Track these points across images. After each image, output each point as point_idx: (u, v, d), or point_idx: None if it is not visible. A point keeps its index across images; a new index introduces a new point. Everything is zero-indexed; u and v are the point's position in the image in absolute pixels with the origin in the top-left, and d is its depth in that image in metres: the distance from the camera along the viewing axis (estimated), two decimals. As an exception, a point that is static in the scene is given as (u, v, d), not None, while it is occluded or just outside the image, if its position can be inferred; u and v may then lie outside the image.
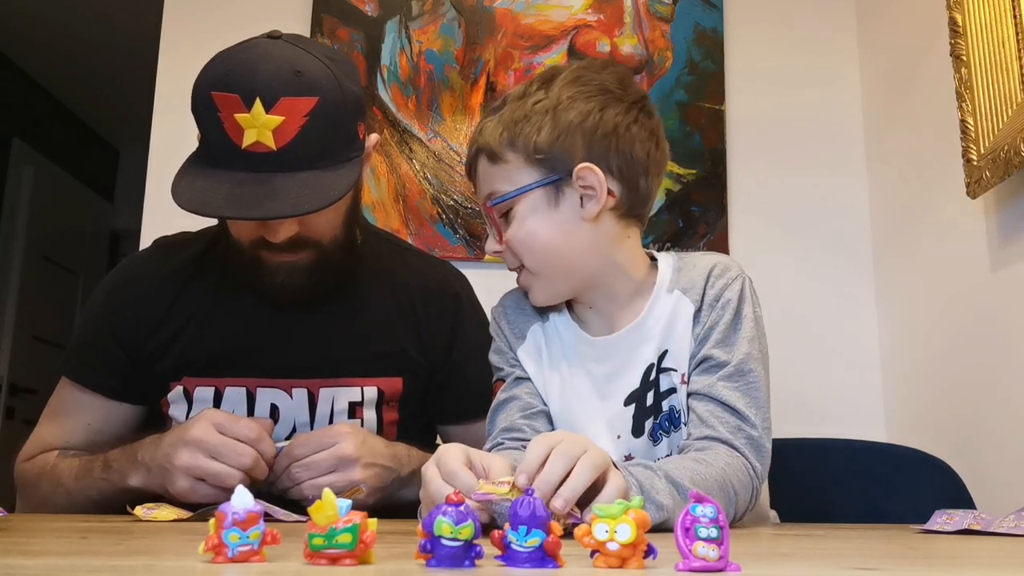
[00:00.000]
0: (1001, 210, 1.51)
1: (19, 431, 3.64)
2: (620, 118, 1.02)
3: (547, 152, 0.99)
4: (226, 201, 0.98)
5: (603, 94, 1.02)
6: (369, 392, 1.17)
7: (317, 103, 0.99)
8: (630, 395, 1.02)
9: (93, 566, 0.50)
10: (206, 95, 1.00)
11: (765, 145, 2.12)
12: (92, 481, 1.09)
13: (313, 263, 1.09)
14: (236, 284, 1.14)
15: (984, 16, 1.50)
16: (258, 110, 0.97)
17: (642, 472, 0.82)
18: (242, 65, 0.99)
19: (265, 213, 0.98)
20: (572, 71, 1.04)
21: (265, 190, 0.98)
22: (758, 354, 0.99)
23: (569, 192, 1.00)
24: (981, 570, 0.57)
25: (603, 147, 1.00)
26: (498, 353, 1.12)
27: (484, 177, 1.04)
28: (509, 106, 1.03)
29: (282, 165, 0.99)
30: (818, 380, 1.99)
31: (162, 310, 1.16)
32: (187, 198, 0.99)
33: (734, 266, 1.05)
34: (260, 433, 1.02)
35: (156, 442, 1.04)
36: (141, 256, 1.27)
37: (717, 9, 2.14)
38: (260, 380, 1.14)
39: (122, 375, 1.17)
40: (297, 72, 0.99)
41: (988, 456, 1.52)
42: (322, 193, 1.00)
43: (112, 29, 3.71)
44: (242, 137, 0.98)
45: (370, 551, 0.49)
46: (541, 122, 1.00)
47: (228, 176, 0.99)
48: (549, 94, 1.02)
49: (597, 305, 1.07)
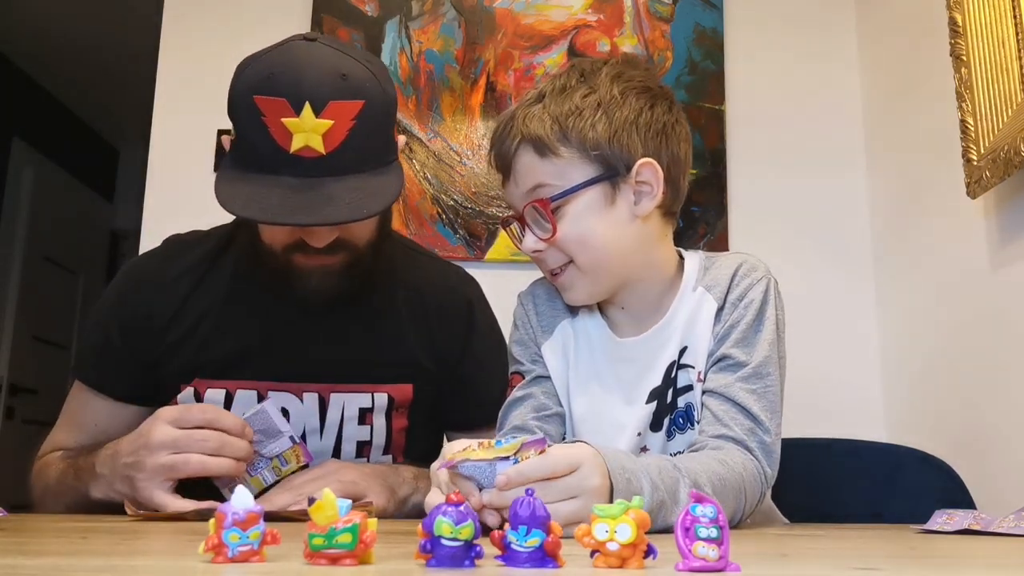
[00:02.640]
0: (1001, 210, 1.51)
1: (19, 431, 3.67)
2: (667, 116, 1.02)
3: (604, 148, 0.97)
4: (283, 207, 0.96)
5: (648, 91, 1.01)
6: (380, 399, 1.16)
7: (364, 106, 0.98)
8: (652, 392, 1.02)
9: (93, 566, 0.50)
10: (247, 99, 0.97)
11: (765, 145, 2.12)
12: (66, 487, 1.08)
13: (346, 265, 1.08)
14: (254, 286, 1.13)
15: (984, 16, 1.50)
16: (307, 114, 0.96)
17: (668, 478, 0.80)
18: (286, 68, 0.97)
19: (326, 219, 0.97)
20: (612, 67, 1.03)
21: (320, 195, 0.97)
22: (776, 358, 0.98)
23: (624, 189, 0.99)
24: (981, 570, 0.57)
25: (656, 144, 1.00)
26: (521, 345, 1.10)
27: (528, 169, 1.00)
28: (552, 98, 1.00)
29: (331, 169, 0.98)
30: (818, 380, 1.99)
31: (173, 310, 1.15)
32: (240, 205, 0.97)
33: (761, 267, 1.03)
34: (216, 412, 1.01)
35: (113, 452, 1.02)
36: (152, 254, 1.24)
37: (717, 9, 2.15)
38: (271, 383, 1.13)
39: (130, 377, 1.16)
40: (343, 76, 0.98)
41: (988, 456, 1.52)
42: (377, 197, 0.99)
43: (112, 29, 3.71)
44: (290, 142, 0.96)
45: (370, 551, 0.49)
46: (594, 117, 0.98)
47: (276, 181, 0.97)
48: (595, 89, 0.99)
49: (629, 305, 1.06)
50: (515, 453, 0.72)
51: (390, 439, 1.18)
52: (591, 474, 0.73)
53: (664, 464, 0.82)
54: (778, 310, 1.01)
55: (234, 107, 1.00)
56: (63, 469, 1.10)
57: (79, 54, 3.97)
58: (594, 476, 0.73)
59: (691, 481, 0.81)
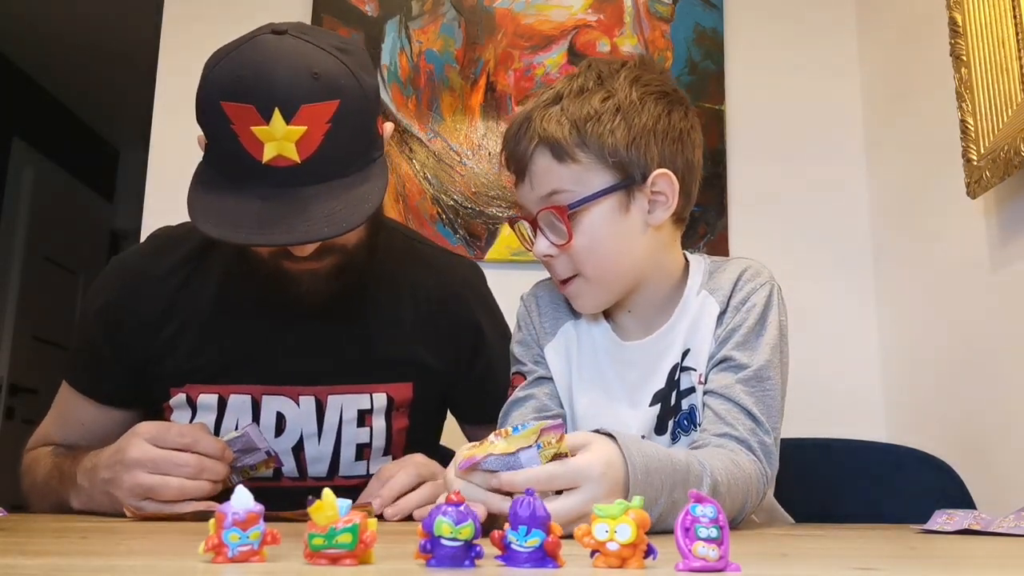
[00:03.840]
0: (1001, 210, 1.51)
1: (19, 431, 3.66)
2: (684, 123, 1.00)
3: (622, 155, 0.96)
4: (257, 225, 0.90)
5: (665, 96, 1.00)
6: (378, 399, 1.14)
7: (339, 106, 0.92)
8: (656, 394, 1.01)
9: (93, 566, 0.50)
10: (215, 105, 0.91)
11: (765, 145, 2.12)
12: (51, 489, 1.07)
13: (336, 268, 1.04)
14: (245, 286, 1.09)
15: (984, 16, 1.50)
16: (278, 121, 0.89)
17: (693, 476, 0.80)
18: (253, 70, 0.91)
19: (299, 237, 0.91)
20: (629, 69, 1.01)
21: (295, 209, 0.91)
22: (778, 363, 0.98)
23: (639, 198, 0.98)
24: (981, 570, 0.57)
25: (672, 152, 0.98)
26: (523, 346, 1.09)
27: (545, 172, 0.97)
28: (569, 101, 0.98)
29: (308, 178, 0.92)
30: (818, 380, 1.99)
31: (160, 310, 1.11)
32: (213, 224, 0.92)
33: (764, 272, 1.03)
34: (195, 435, 0.97)
35: (93, 464, 1.00)
36: (138, 251, 1.19)
37: (717, 9, 2.14)
38: (266, 387, 1.10)
39: (116, 380, 1.13)
40: (315, 74, 0.91)
41: (988, 456, 1.52)
42: (357, 207, 0.93)
43: (112, 29, 3.71)
44: (261, 151, 0.90)
45: (370, 551, 0.49)
46: (613, 123, 0.96)
47: (251, 195, 0.92)
48: (613, 93, 0.98)
49: (636, 309, 1.05)
50: (537, 440, 0.71)
51: (390, 440, 1.16)
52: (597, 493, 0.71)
53: (691, 459, 0.81)
54: (781, 315, 1.01)
55: (202, 112, 0.94)
56: (50, 468, 1.09)
57: (79, 54, 3.97)
58: (598, 500, 0.70)
59: (712, 480, 0.81)
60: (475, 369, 1.21)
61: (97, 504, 1.00)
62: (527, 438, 0.71)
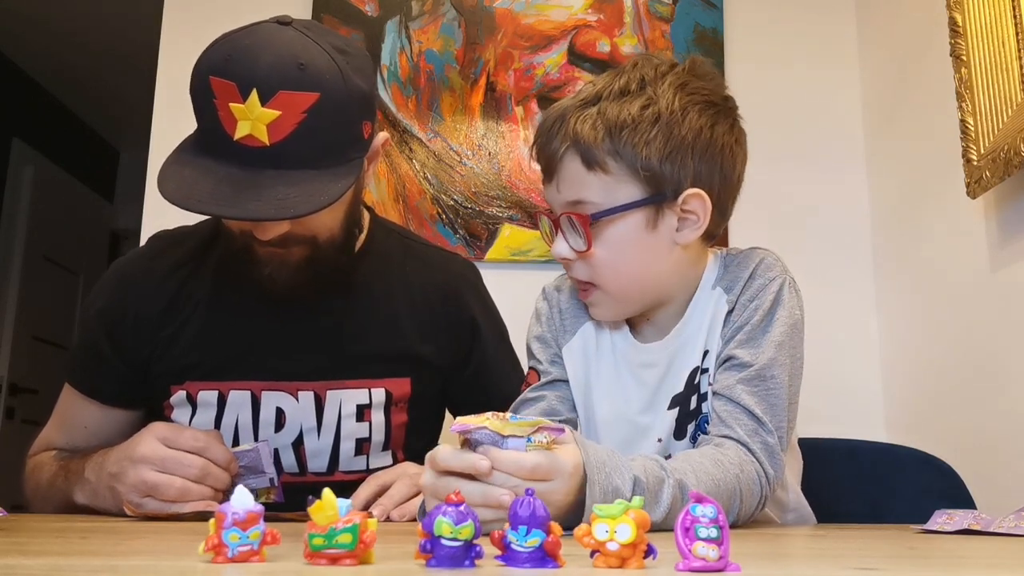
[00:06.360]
0: (1001, 210, 1.51)
1: (19, 431, 3.67)
2: (727, 137, 0.96)
3: (655, 168, 0.91)
4: (211, 196, 0.93)
5: (712, 107, 0.96)
6: (377, 394, 1.15)
7: (318, 99, 0.94)
8: (674, 398, 0.99)
9: (93, 566, 0.50)
10: (204, 79, 0.95)
11: (765, 145, 2.11)
12: (56, 490, 1.08)
13: (304, 260, 1.05)
14: (233, 277, 1.11)
15: (984, 16, 1.50)
16: (253, 102, 0.93)
17: (653, 478, 0.79)
18: (244, 52, 0.94)
19: (245, 213, 0.94)
20: (677, 75, 0.96)
21: (250, 188, 0.93)
22: (786, 360, 0.95)
23: (668, 214, 0.94)
24: (981, 570, 0.57)
25: (709, 169, 0.94)
26: (542, 343, 1.07)
27: (573, 179, 0.94)
28: (608, 103, 0.93)
29: (274, 162, 0.95)
30: (818, 380, 1.98)
31: (160, 310, 1.13)
32: (171, 189, 0.95)
33: (776, 266, 1.00)
34: (207, 441, 0.99)
35: (102, 459, 1.01)
36: (137, 253, 1.22)
37: (717, 9, 2.14)
38: (265, 383, 1.12)
39: (118, 381, 1.14)
40: (300, 65, 0.94)
41: (988, 456, 1.52)
42: (310, 197, 0.95)
43: (112, 29, 3.71)
44: (235, 128, 0.93)
45: (370, 551, 0.49)
46: (650, 134, 0.91)
47: (216, 168, 0.95)
48: (655, 99, 0.93)
49: (655, 315, 1.03)
50: (530, 434, 0.72)
51: (389, 435, 1.16)
52: (558, 488, 0.72)
53: (649, 464, 0.81)
54: (792, 310, 0.98)
55: (192, 86, 0.98)
56: (55, 471, 1.10)
57: (79, 54, 3.97)
58: (557, 493, 0.72)
59: (676, 481, 0.79)
60: (471, 365, 1.22)
61: (100, 499, 1.01)
62: (522, 428, 0.72)
